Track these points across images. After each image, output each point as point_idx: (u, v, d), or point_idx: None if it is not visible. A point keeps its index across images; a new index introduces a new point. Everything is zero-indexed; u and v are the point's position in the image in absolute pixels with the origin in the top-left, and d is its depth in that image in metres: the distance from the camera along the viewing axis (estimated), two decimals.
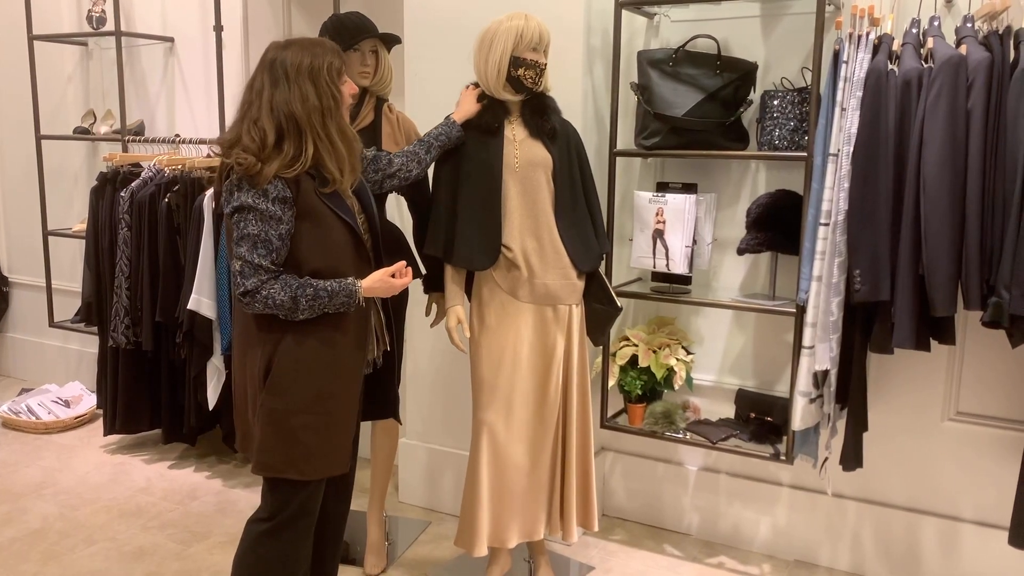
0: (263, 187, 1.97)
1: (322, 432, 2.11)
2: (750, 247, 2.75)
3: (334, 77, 2.06)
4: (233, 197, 2.00)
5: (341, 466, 2.19)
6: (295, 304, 1.99)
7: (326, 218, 2.06)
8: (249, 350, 2.10)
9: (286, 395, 2.06)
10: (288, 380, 2.06)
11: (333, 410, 2.13)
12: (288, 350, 2.05)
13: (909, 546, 2.82)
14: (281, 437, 2.07)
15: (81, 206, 4.36)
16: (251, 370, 2.09)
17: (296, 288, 2.00)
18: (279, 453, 2.08)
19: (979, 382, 2.69)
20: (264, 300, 1.98)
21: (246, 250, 1.98)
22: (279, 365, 2.05)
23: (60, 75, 4.47)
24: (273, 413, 2.07)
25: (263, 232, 1.98)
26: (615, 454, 3.25)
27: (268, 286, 1.98)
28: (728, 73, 2.72)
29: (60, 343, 4.71)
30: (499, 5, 2.64)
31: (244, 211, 1.98)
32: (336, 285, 2.04)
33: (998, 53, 2.23)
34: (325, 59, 2.06)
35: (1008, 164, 2.22)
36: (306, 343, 2.06)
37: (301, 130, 2.01)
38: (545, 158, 2.49)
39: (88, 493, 3.46)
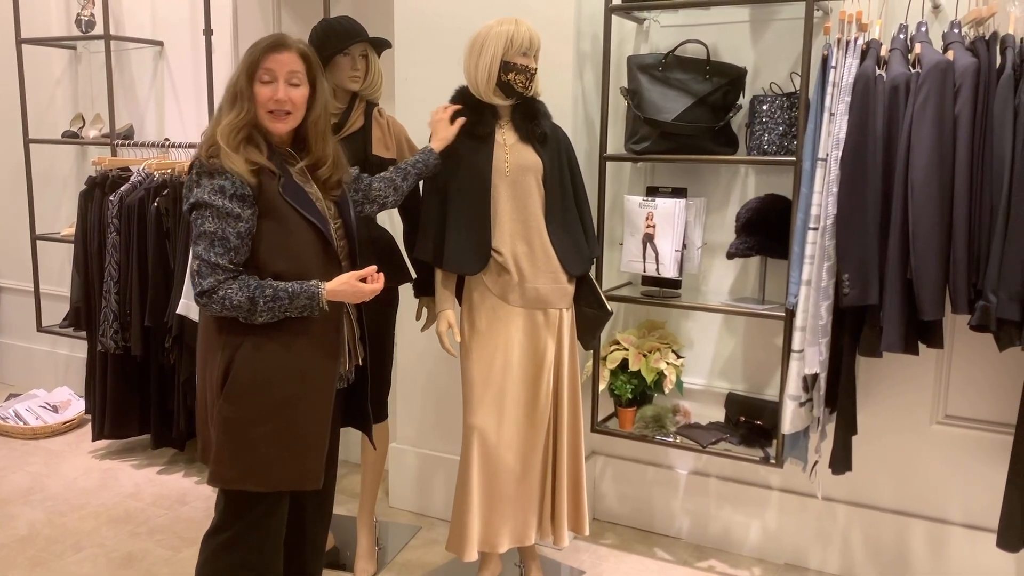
0: (219, 181, 1.91)
1: (284, 443, 2.00)
2: (740, 251, 2.76)
3: (244, 68, 1.99)
4: (191, 193, 1.94)
5: (311, 481, 2.06)
6: (253, 305, 1.91)
7: (289, 218, 1.98)
8: (209, 356, 2.02)
9: (244, 403, 1.97)
10: (246, 388, 1.96)
11: (297, 421, 2.02)
12: (247, 356, 1.96)
13: (898, 549, 2.83)
14: (238, 447, 1.98)
15: (70, 210, 4.33)
16: (210, 377, 2.01)
17: (255, 289, 1.91)
18: (235, 464, 1.98)
19: (967, 385, 2.70)
20: (221, 301, 1.90)
21: (203, 248, 1.91)
22: (237, 372, 1.96)
23: (49, 79, 4.46)
24: (229, 422, 1.97)
25: (220, 230, 1.91)
26: (606, 458, 3.25)
27: (226, 286, 1.90)
28: (717, 78, 2.74)
29: (48, 348, 4.69)
30: (490, 10, 2.65)
31: (201, 207, 1.92)
32: (297, 287, 1.95)
33: (984, 59, 2.25)
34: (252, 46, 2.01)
35: (995, 169, 2.24)
36: (267, 349, 1.97)
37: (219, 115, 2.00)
38: (535, 162, 2.49)
39: (76, 499, 3.44)
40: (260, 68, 1.99)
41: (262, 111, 2.00)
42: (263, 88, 1.99)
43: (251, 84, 1.99)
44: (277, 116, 2.02)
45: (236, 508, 2.05)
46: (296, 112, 2.04)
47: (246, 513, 2.05)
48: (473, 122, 2.47)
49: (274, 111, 2.01)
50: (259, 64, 1.99)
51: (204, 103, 3.90)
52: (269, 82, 2.00)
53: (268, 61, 1.99)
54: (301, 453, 2.04)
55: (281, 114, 2.02)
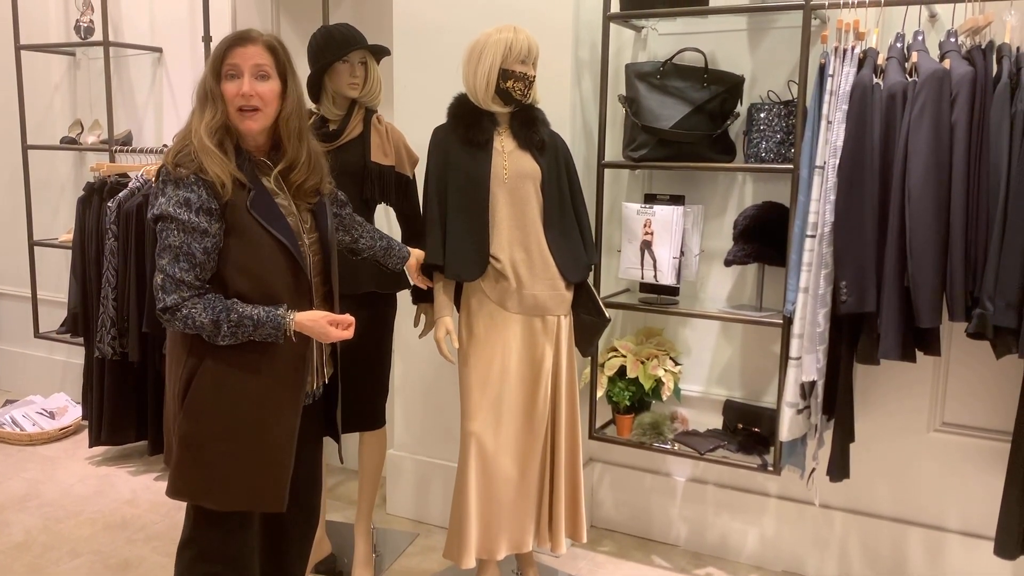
0: (184, 193, 1.82)
1: (243, 464, 1.92)
2: (737, 259, 2.77)
3: (209, 65, 1.91)
4: (156, 203, 1.85)
5: (272, 503, 1.97)
6: (216, 328, 1.83)
7: (255, 235, 1.87)
8: (173, 366, 1.95)
9: (202, 420, 1.90)
10: (205, 405, 1.89)
11: (257, 443, 1.93)
12: (208, 372, 1.89)
13: (895, 557, 2.83)
14: (195, 463, 1.92)
15: (68, 216, 4.33)
16: (171, 389, 1.95)
17: (219, 311, 1.83)
18: (192, 479, 1.93)
19: (964, 393, 2.71)
20: (184, 319, 1.82)
21: (167, 262, 1.82)
22: (197, 388, 1.89)
23: (47, 85, 4.46)
24: (188, 438, 1.91)
25: (185, 244, 1.82)
26: (603, 465, 3.25)
27: (190, 304, 1.82)
28: (715, 86, 2.75)
29: (45, 354, 4.68)
30: (488, 18, 2.65)
31: (166, 220, 1.82)
32: (264, 314, 1.85)
33: (981, 67, 2.26)
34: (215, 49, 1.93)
35: (991, 177, 2.25)
36: (228, 368, 1.89)
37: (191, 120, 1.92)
38: (534, 169, 2.50)
39: (73, 505, 3.43)
40: (224, 64, 1.89)
41: (231, 109, 1.89)
42: (229, 84, 1.89)
43: (218, 82, 1.89)
44: (246, 113, 1.90)
45: (201, 523, 2.00)
46: (266, 108, 1.91)
47: (213, 527, 1.99)
48: (472, 129, 2.47)
49: (242, 108, 1.90)
50: (223, 59, 1.89)
51: None
52: (234, 77, 1.89)
53: (232, 56, 1.89)
54: (261, 475, 1.95)
55: (249, 110, 1.90)
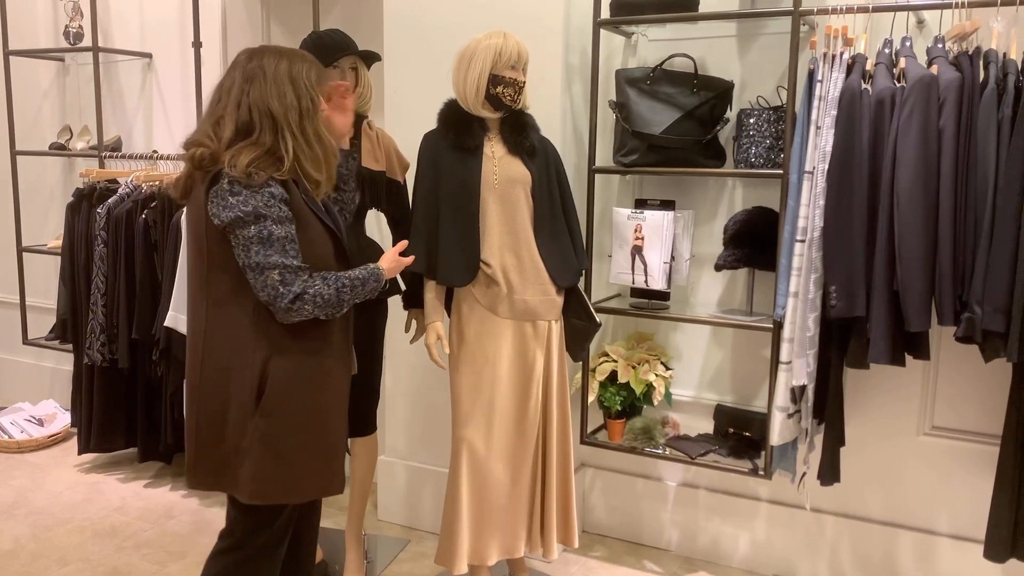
0: (266, 190, 1.89)
1: (317, 452, 2.02)
2: (727, 263, 2.78)
3: (312, 82, 2.01)
4: (231, 203, 1.88)
5: (337, 487, 2.07)
6: (339, 297, 1.96)
7: (313, 224, 2.00)
8: (235, 370, 1.96)
9: (281, 416, 1.95)
10: (282, 399, 1.95)
11: (326, 428, 2.04)
12: (280, 368, 1.95)
13: (886, 560, 2.84)
14: (279, 462, 1.96)
15: (57, 222, 4.31)
16: (237, 391, 1.95)
17: (334, 282, 1.96)
18: (275, 478, 1.96)
19: (954, 397, 2.72)
20: (312, 300, 1.92)
21: (278, 255, 1.89)
22: (273, 385, 1.94)
23: (36, 90, 4.44)
24: (268, 437, 1.94)
25: (287, 233, 1.91)
26: (595, 470, 3.25)
27: (311, 285, 1.92)
28: (705, 92, 2.76)
29: (34, 360, 4.65)
30: (479, 24, 2.66)
31: (261, 218, 1.88)
32: (363, 272, 2.03)
33: (968, 73, 2.27)
34: (304, 65, 2.02)
35: (979, 182, 2.26)
36: (295, 359, 1.97)
37: (277, 126, 1.94)
38: (524, 175, 2.50)
39: (61, 513, 3.41)
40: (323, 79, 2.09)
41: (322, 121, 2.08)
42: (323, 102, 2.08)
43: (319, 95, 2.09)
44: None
45: (259, 523, 2.03)
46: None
47: (268, 527, 2.03)
48: (462, 135, 2.48)
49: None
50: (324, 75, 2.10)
51: (192, 115, 3.89)
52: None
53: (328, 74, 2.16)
54: (330, 460, 2.06)
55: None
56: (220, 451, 1.99)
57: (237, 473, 1.97)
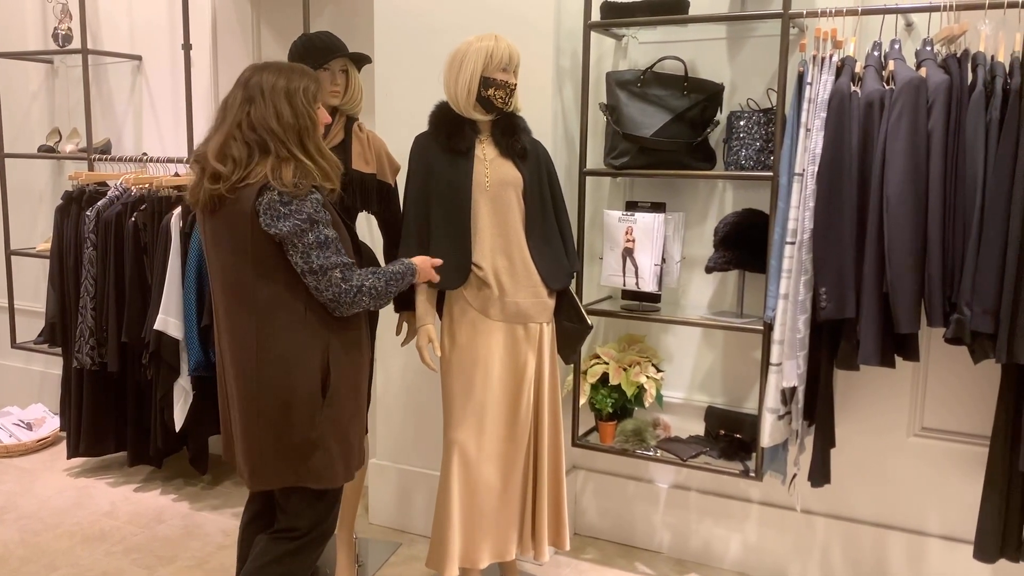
0: (312, 196, 2.02)
1: (359, 431, 2.22)
2: (718, 265, 2.78)
3: (310, 100, 2.09)
4: (284, 213, 1.99)
5: (362, 461, 2.28)
6: (387, 288, 2.14)
7: (341, 228, 2.14)
8: (299, 366, 2.07)
9: (343, 403, 2.13)
10: (343, 386, 2.12)
11: (363, 408, 2.25)
12: (336, 359, 2.11)
13: (877, 561, 2.85)
14: (343, 445, 2.14)
15: (45, 225, 4.29)
16: (304, 386, 2.07)
17: (380, 275, 2.13)
18: (343, 461, 2.15)
19: (943, 398, 2.73)
20: (369, 291, 2.09)
21: (333, 254, 2.03)
22: (334, 375, 2.10)
23: (25, 93, 4.42)
24: (337, 423, 2.12)
25: (335, 235, 2.06)
26: (586, 472, 3.25)
27: (366, 278, 2.09)
28: (695, 94, 2.76)
29: (23, 364, 4.63)
30: (470, 26, 2.66)
31: (316, 223, 2.02)
32: (399, 266, 2.23)
33: (956, 76, 2.29)
34: (302, 82, 2.10)
35: (968, 184, 2.27)
36: (345, 348, 2.14)
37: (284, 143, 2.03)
38: (515, 177, 2.50)
39: (51, 518, 3.39)
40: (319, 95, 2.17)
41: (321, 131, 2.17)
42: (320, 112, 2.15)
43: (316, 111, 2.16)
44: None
45: (326, 505, 2.19)
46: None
47: (332, 510, 2.22)
48: (453, 137, 2.48)
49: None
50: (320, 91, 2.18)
51: (182, 118, 3.88)
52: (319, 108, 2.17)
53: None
54: (363, 438, 2.27)
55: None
56: (285, 446, 2.10)
57: (308, 463, 2.10)
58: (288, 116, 2.04)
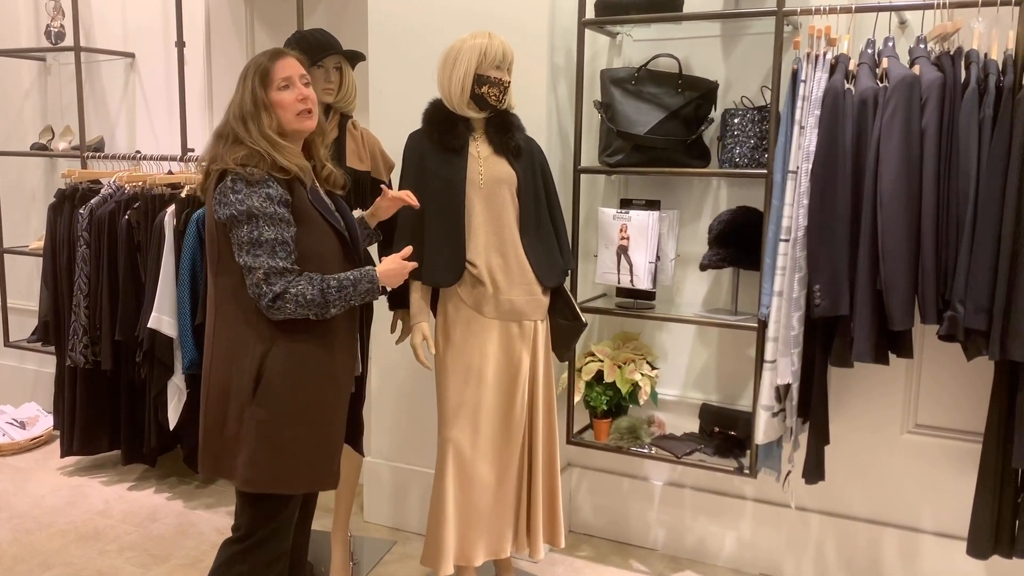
0: (264, 190, 1.95)
1: (314, 443, 2.07)
2: (712, 263, 2.79)
3: (255, 83, 2.03)
4: (231, 200, 1.95)
5: (332, 482, 2.13)
6: (324, 298, 1.98)
7: (318, 225, 2.06)
8: (235, 363, 2.03)
9: (277, 406, 2.01)
10: (279, 389, 2.01)
11: (325, 420, 2.09)
12: (279, 358, 2.01)
13: (871, 557, 2.86)
14: (271, 450, 2.01)
15: (38, 223, 4.28)
16: (237, 381, 2.01)
17: (321, 283, 1.99)
18: (268, 467, 2.02)
19: (936, 395, 2.74)
20: (295, 299, 1.96)
21: (266, 256, 1.94)
22: (271, 374, 2.00)
23: (17, 90, 4.40)
24: (263, 425, 2.00)
25: (279, 235, 1.96)
26: (581, 470, 3.25)
27: (295, 284, 1.96)
28: (689, 92, 2.76)
29: (16, 363, 4.61)
30: (463, 24, 2.66)
31: (253, 218, 1.94)
32: (357, 274, 2.05)
33: (950, 73, 2.29)
34: (251, 66, 2.06)
35: (961, 181, 2.28)
36: (298, 351, 2.03)
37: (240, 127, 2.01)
38: (509, 175, 2.50)
39: (44, 516, 3.38)
40: (274, 77, 2.04)
41: (289, 115, 2.06)
42: (284, 94, 2.05)
43: (268, 93, 2.04)
44: (304, 116, 2.09)
45: (264, 513, 2.07)
46: (315, 110, 2.12)
47: (273, 518, 2.08)
48: (447, 134, 2.47)
49: (301, 112, 2.08)
50: (271, 73, 2.04)
51: (176, 115, 3.87)
52: (288, 87, 2.06)
53: (280, 69, 2.05)
54: (327, 454, 2.12)
55: (306, 113, 2.09)
56: (222, 438, 2.06)
57: (234, 461, 2.04)
58: (237, 98, 2.04)
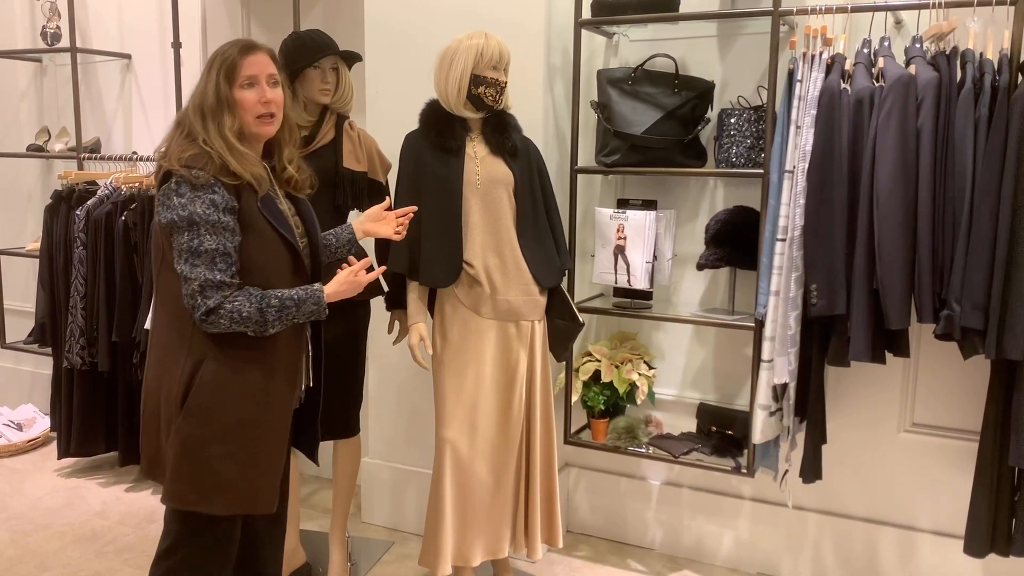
0: (209, 195, 1.82)
1: (243, 465, 1.92)
2: (709, 262, 2.79)
3: (222, 74, 1.89)
4: (171, 206, 1.83)
5: (265, 504, 1.98)
6: (262, 316, 1.85)
7: (266, 235, 1.92)
8: (167, 370, 1.91)
9: (204, 422, 1.88)
10: (207, 405, 1.88)
11: (258, 441, 1.94)
12: (210, 372, 1.88)
13: (868, 557, 2.86)
14: (195, 467, 1.88)
15: (35, 225, 4.27)
16: (167, 391, 1.90)
17: (260, 299, 1.85)
18: (193, 485, 1.88)
19: (933, 393, 2.74)
20: (230, 315, 1.83)
21: (204, 267, 1.82)
22: (199, 388, 1.87)
23: (13, 91, 4.40)
24: (189, 440, 1.87)
25: (221, 245, 1.83)
26: (579, 470, 3.25)
27: (232, 299, 1.83)
28: (686, 92, 2.77)
29: (12, 364, 4.60)
30: (459, 24, 2.66)
31: (194, 224, 1.82)
32: (302, 293, 1.90)
33: (945, 73, 2.29)
34: (221, 52, 1.91)
35: (957, 181, 2.28)
36: (231, 366, 1.89)
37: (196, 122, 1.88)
38: (506, 175, 2.50)
39: (41, 518, 3.38)
40: (240, 73, 1.90)
41: (249, 117, 1.92)
42: (247, 93, 1.92)
43: (232, 91, 1.91)
44: (265, 120, 1.95)
45: (190, 530, 1.96)
46: (279, 114, 1.98)
47: (200, 536, 1.96)
48: (444, 135, 2.47)
49: (262, 115, 1.94)
50: (237, 68, 1.90)
51: (172, 116, 3.85)
52: (252, 86, 1.92)
53: (247, 66, 1.91)
54: (258, 476, 1.96)
55: (268, 116, 1.95)
56: (156, 442, 1.96)
57: (158, 467, 1.95)
58: (200, 88, 1.90)
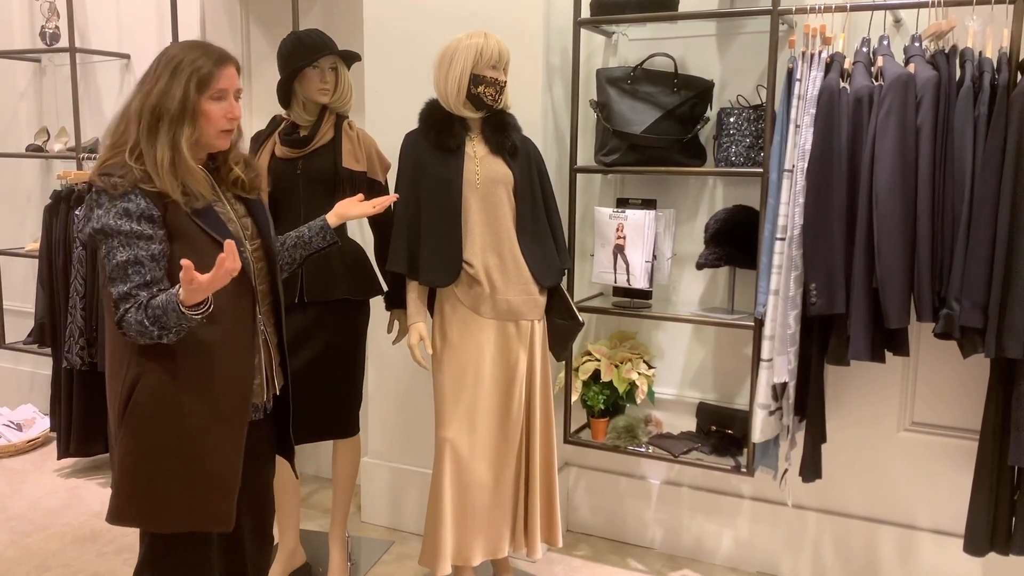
0: (123, 204, 1.73)
1: (189, 481, 1.81)
2: (709, 262, 2.79)
3: (193, 83, 1.79)
4: (93, 216, 1.75)
5: (218, 522, 1.86)
6: (155, 326, 1.72)
7: (199, 242, 1.80)
8: (113, 380, 1.84)
9: (144, 436, 1.79)
10: (147, 419, 1.79)
11: (204, 457, 1.83)
12: (149, 384, 1.78)
13: (868, 555, 2.86)
14: (136, 485, 1.80)
15: (34, 225, 4.27)
16: (112, 401, 1.83)
17: (144, 307, 1.73)
18: (134, 502, 1.80)
19: (933, 392, 2.74)
20: (131, 326, 1.72)
21: (119, 280, 1.73)
22: (137, 401, 1.78)
23: (12, 92, 4.40)
24: (128, 457, 1.79)
25: (133, 255, 1.74)
26: (579, 469, 3.25)
27: (130, 311, 1.73)
28: (685, 91, 2.77)
29: (12, 365, 4.60)
30: (458, 23, 2.66)
31: (109, 235, 1.73)
32: (165, 298, 1.72)
33: (945, 72, 2.30)
34: (191, 59, 1.80)
35: (956, 179, 2.28)
36: (170, 377, 1.79)
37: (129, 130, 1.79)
38: (506, 174, 2.50)
39: (41, 519, 3.37)
40: (213, 85, 1.82)
41: (213, 130, 1.84)
42: (216, 105, 1.83)
43: (200, 101, 1.81)
44: (226, 134, 1.88)
45: (157, 547, 1.88)
46: (235, 130, 1.91)
47: (169, 553, 1.87)
48: (443, 134, 2.47)
49: (226, 130, 1.86)
50: (212, 79, 1.81)
51: None
52: (221, 99, 1.84)
53: (222, 78, 1.83)
54: (208, 492, 1.85)
55: (227, 133, 1.88)
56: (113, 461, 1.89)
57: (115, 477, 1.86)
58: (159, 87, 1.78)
